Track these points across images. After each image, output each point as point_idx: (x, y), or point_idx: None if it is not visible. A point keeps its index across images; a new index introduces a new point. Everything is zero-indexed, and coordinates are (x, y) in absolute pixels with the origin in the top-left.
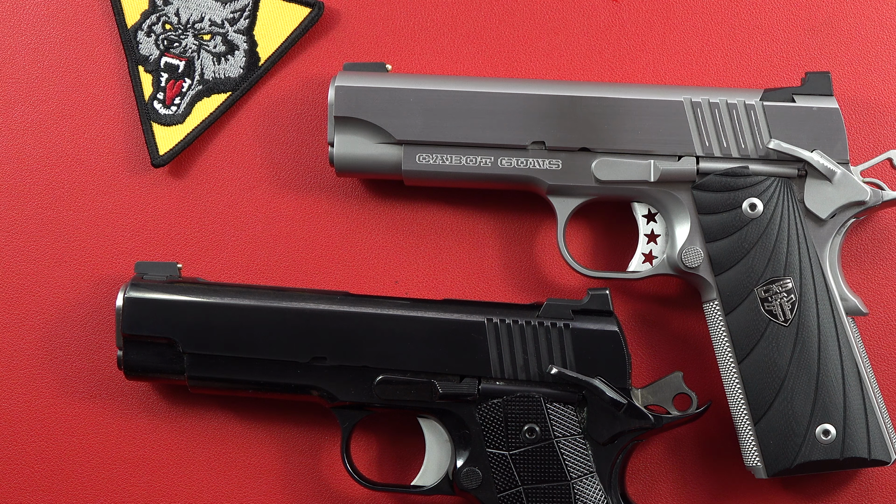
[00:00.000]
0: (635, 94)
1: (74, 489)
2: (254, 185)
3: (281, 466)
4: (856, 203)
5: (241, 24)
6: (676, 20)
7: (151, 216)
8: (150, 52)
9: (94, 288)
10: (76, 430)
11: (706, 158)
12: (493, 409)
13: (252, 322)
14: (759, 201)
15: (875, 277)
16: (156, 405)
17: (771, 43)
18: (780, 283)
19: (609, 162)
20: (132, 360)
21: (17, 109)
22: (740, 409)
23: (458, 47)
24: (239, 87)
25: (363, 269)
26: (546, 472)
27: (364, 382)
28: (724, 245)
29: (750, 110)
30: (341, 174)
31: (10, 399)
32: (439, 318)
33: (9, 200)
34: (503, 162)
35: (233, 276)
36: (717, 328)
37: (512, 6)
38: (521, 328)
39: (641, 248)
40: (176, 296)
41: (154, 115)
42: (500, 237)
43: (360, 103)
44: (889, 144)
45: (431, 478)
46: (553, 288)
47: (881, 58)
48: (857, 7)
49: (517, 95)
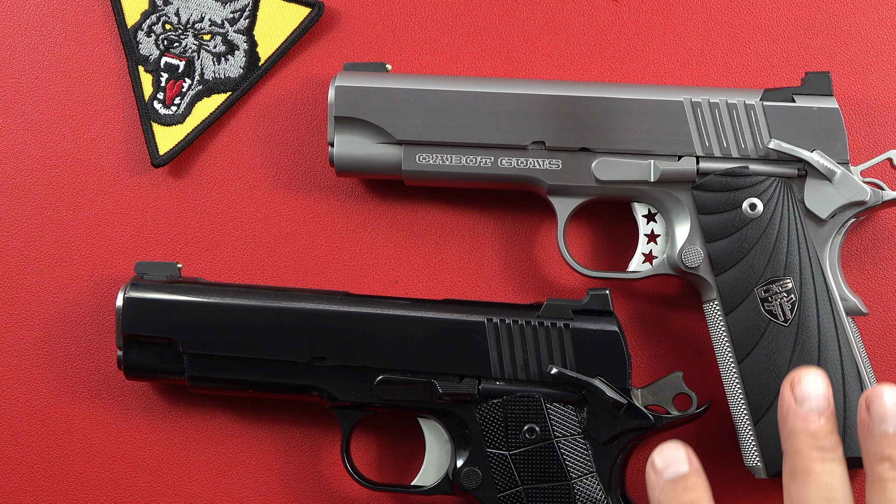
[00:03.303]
0: (635, 94)
1: (74, 489)
2: (254, 185)
3: (281, 466)
4: (856, 203)
5: (241, 24)
6: (676, 20)
7: (151, 216)
8: (150, 52)
9: (94, 288)
10: (76, 430)
11: (706, 158)
12: (493, 409)
13: (252, 322)
14: (759, 201)
15: (875, 277)
16: (156, 405)
17: (771, 43)
18: (780, 283)
19: (609, 162)
20: (132, 360)
21: (17, 109)
22: (740, 409)
23: (458, 47)
24: (239, 87)
25: (363, 269)
26: (546, 472)
27: (364, 382)
28: (724, 245)
29: (750, 110)
30: (341, 174)
31: (10, 399)
32: (439, 318)
33: (9, 200)
34: (503, 162)
35: (233, 276)
36: (717, 328)
37: (512, 6)
38: (521, 328)
39: (641, 248)
40: (176, 296)
41: (154, 115)
42: (500, 237)
43: (360, 103)
44: (889, 144)
45: (431, 478)
46: (553, 288)
47: (881, 58)
48: (857, 7)
49: (517, 95)
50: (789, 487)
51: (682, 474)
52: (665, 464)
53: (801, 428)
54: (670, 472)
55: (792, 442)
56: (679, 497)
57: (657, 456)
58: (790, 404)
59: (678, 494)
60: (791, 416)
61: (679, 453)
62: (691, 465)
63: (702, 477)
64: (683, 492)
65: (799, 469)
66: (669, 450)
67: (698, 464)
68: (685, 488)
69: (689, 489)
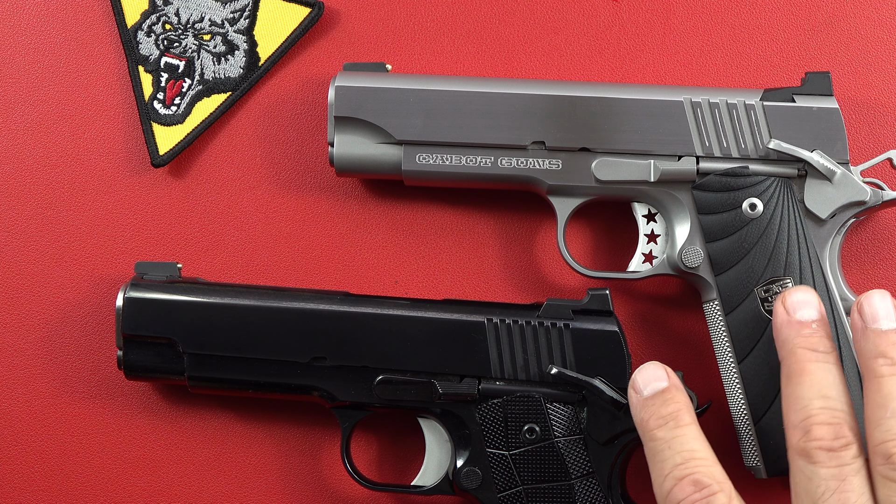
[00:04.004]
0: (635, 94)
1: (74, 489)
2: (254, 185)
3: (281, 466)
4: (856, 203)
5: (241, 24)
6: (676, 20)
7: (151, 216)
8: (150, 52)
9: (94, 288)
10: (76, 430)
11: (706, 158)
12: (493, 409)
13: (252, 322)
14: (759, 201)
15: (875, 277)
16: (156, 405)
17: (771, 43)
18: (780, 283)
19: (609, 162)
20: (132, 360)
21: (17, 109)
22: (740, 409)
23: (458, 47)
24: (239, 87)
25: (363, 269)
26: (546, 472)
27: (364, 382)
28: (724, 245)
29: (750, 110)
30: (341, 174)
31: (10, 399)
32: (439, 318)
33: (9, 200)
34: (503, 162)
35: (233, 276)
36: (717, 328)
37: (512, 6)
38: (521, 328)
39: (641, 248)
40: (176, 296)
41: (154, 115)
42: (500, 237)
43: (360, 103)
44: (889, 144)
45: (431, 478)
46: (553, 288)
47: (881, 58)
48: (857, 7)
49: (517, 95)
50: (786, 390)
51: (661, 389)
52: (645, 382)
53: (795, 334)
54: (650, 388)
55: (787, 347)
56: (658, 410)
57: (637, 375)
58: (782, 316)
59: (657, 408)
60: (784, 327)
61: (658, 371)
62: (671, 380)
63: (681, 391)
64: (662, 405)
65: (794, 370)
66: (648, 368)
67: (678, 380)
68: (664, 402)
69: (668, 402)
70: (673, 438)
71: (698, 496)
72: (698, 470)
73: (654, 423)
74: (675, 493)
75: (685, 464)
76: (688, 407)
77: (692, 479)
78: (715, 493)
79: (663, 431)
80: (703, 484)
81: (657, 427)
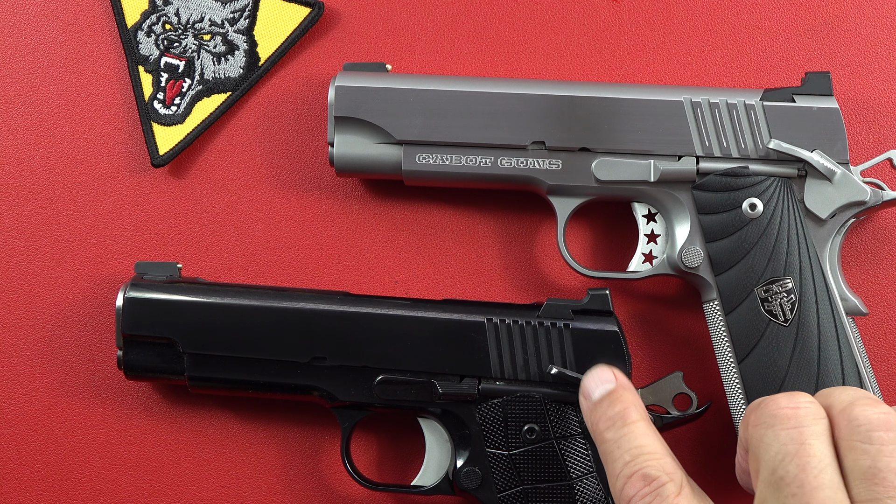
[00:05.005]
0: (635, 94)
1: (74, 489)
2: (254, 185)
3: (281, 466)
4: (856, 203)
5: (241, 24)
6: (676, 20)
7: (151, 216)
8: (150, 52)
9: (94, 288)
10: (76, 430)
11: (706, 158)
12: (493, 409)
13: (252, 322)
14: (759, 201)
15: (875, 277)
16: (156, 405)
17: (771, 43)
18: (780, 283)
19: (609, 162)
20: (132, 360)
21: (18, 109)
22: (740, 409)
23: (458, 47)
24: (239, 87)
25: (363, 269)
26: (546, 472)
27: (364, 382)
28: (724, 245)
29: (750, 110)
30: (341, 174)
31: (10, 399)
32: (439, 318)
33: (9, 200)
34: (503, 162)
35: (233, 276)
36: (717, 328)
37: (512, 6)
38: (521, 328)
39: (641, 248)
40: (176, 296)
41: (154, 115)
42: (500, 237)
43: (360, 103)
44: (889, 144)
45: (431, 478)
46: (553, 288)
47: (881, 58)
48: (857, 7)
49: (517, 95)
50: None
51: (608, 391)
52: (593, 386)
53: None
54: (598, 392)
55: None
56: (605, 412)
57: (585, 381)
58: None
59: (605, 410)
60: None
61: (605, 373)
62: (618, 381)
63: (628, 390)
64: (609, 406)
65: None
66: (595, 372)
67: (626, 380)
68: (611, 402)
69: (615, 402)
70: (621, 437)
71: (647, 490)
72: (647, 464)
73: (603, 426)
74: (627, 490)
75: (633, 461)
76: (635, 404)
77: (641, 475)
78: (664, 484)
79: (612, 432)
80: (652, 477)
81: (606, 429)
